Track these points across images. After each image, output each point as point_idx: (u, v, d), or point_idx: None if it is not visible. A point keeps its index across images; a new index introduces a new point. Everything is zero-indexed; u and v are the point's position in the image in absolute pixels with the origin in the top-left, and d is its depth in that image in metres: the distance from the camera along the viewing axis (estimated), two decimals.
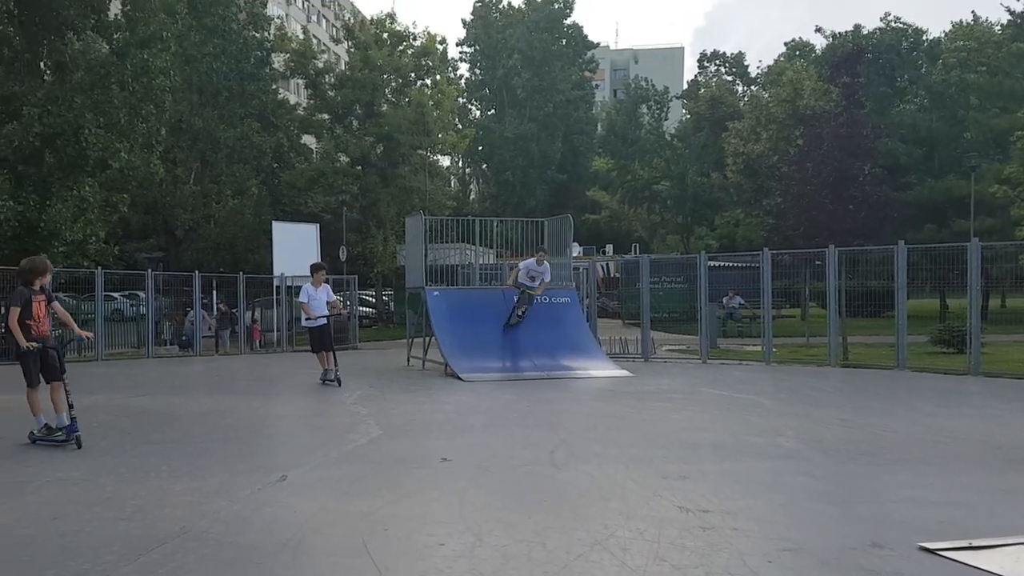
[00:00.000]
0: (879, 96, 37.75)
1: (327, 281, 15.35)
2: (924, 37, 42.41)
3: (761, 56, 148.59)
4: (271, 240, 26.52)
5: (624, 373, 15.56)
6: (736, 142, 36.91)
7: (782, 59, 49.21)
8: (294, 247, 25.33)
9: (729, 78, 53.06)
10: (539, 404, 11.57)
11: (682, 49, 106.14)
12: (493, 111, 62.71)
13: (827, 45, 42.56)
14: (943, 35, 39.83)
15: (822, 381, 14.95)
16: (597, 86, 76.26)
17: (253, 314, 25.99)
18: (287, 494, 6.19)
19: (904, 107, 39.12)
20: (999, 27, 36.72)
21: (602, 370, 15.74)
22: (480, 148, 59.59)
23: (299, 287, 25.83)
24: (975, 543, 4.64)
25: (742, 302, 26.03)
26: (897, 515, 5.58)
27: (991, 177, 28.27)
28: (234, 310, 24.56)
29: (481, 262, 20.96)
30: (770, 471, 7.04)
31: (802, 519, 5.54)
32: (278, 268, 24.85)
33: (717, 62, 52.76)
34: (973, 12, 41.00)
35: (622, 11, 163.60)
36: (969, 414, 10.85)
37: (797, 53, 48.59)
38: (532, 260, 16.02)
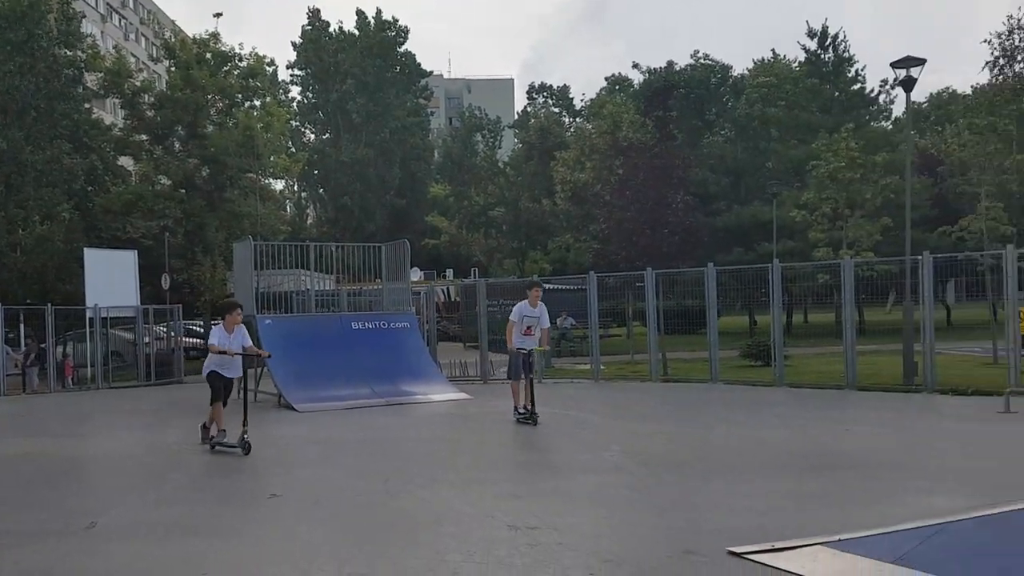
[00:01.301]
0: (690, 129, 40.44)
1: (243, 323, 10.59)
2: (730, 73, 45.89)
3: (584, 89, 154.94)
4: (83, 268, 24.73)
5: (463, 396, 15.71)
6: (563, 171, 38.35)
7: (603, 92, 51.68)
8: (110, 276, 23.72)
9: (556, 110, 55.11)
10: (377, 432, 11.48)
11: (512, 80, 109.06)
12: (328, 135, 61.73)
13: (643, 80, 45.15)
14: (747, 71, 43.28)
15: (645, 396, 15.75)
16: (432, 113, 76.83)
17: (64, 349, 24.09)
18: (98, 541, 5.82)
19: (713, 139, 42.13)
20: (796, 64, 40.36)
21: (442, 394, 15.81)
22: (316, 172, 58.42)
23: (116, 318, 24.38)
24: (778, 545, 5.04)
25: (574, 323, 26.99)
26: (710, 522, 5.99)
27: (791, 203, 30.91)
28: (42, 345, 22.67)
29: (318, 288, 20.52)
30: (596, 486, 7.37)
31: (623, 531, 5.84)
32: (91, 299, 23.18)
33: (544, 94, 54.67)
34: (773, 50, 44.81)
35: (454, 41, 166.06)
36: (775, 424, 11.78)
37: (617, 87, 51.22)
38: (523, 303, 11.88)
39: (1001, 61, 27.44)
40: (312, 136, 63.47)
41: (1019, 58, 27.13)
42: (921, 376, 14.77)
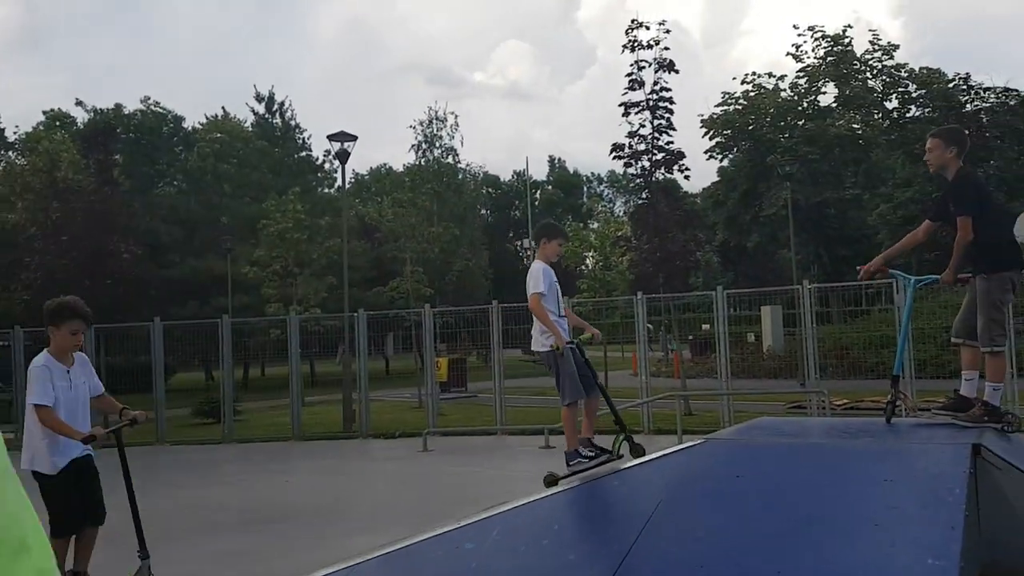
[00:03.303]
0: (140, 176, 38.41)
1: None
2: (183, 124, 44.93)
3: (19, 121, 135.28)
4: None
5: None
6: None
7: (41, 127, 46.10)
8: None
9: None
10: None
11: None
12: None
13: (88, 119, 41.59)
14: (199, 125, 42.84)
15: None
16: None
17: None
18: None
19: (165, 189, 40.62)
20: (249, 125, 41.27)
21: None
22: None
23: None
24: None
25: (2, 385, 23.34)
26: None
27: (244, 259, 31.23)
28: None
29: None
30: None
31: None
32: None
33: None
34: (224, 108, 45.12)
35: None
36: (217, 482, 11.66)
37: (57, 123, 46.14)
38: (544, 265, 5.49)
39: (424, 146, 31.94)
40: None
41: (436, 144, 31.89)
42: (358, 423, 16.11)
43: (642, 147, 18.08)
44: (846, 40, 30.49)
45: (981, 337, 4.79)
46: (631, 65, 18.06)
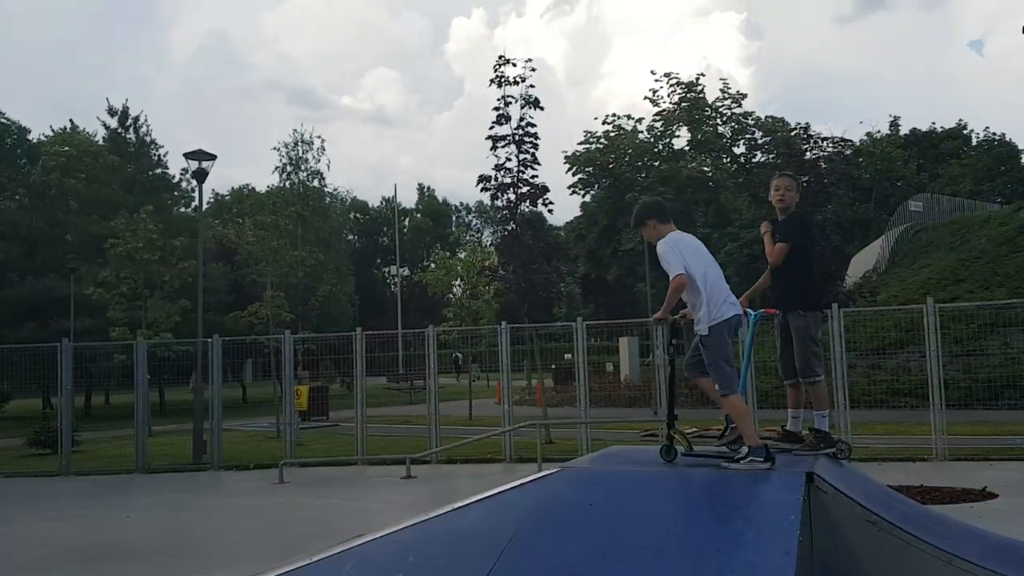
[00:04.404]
0: None
1: None
2: (27, 136, 42.00)
3: None
4: None
5: None
6: None
7: None
8: None
9: None
10: None
11: None
12: None
13: None
14: (45, 137, 40.14)
15: None
16: None
17: None
18: None
19: (5, 203, 37.80)
20: (100, 139, 39.00)
21: None
22: None
23: None
24: None
25: None
26: None
27: (90, 280, 29.37)
28: None
29: None
30: None
31: None
32: None
33: None
34: (71, 120, 42.44)
35: None
36: (54, 517, 10.86)
37: None
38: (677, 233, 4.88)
39: (288, 168, 31.26)
40: None
41: (302, 167, 31.30)
42: (209, 454, 15.40)
43: (508, 180, 18.41)
44: (699, 87, 32.21)
45: (803, 369, 5.18)
46: (498, 100, 18.41)
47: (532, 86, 18.43)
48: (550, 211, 19.38)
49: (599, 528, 3.97)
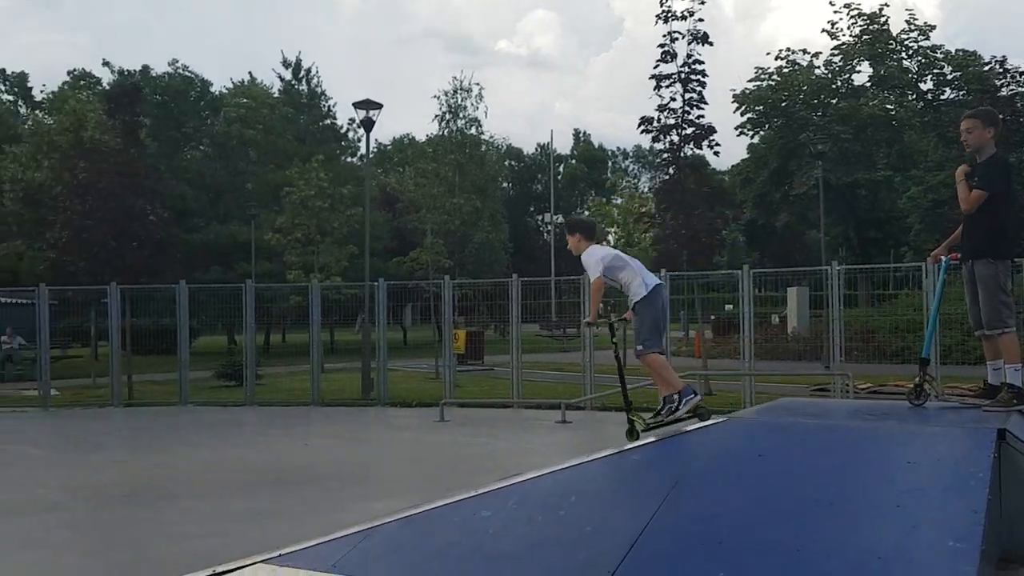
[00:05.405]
0: (168, 139, 38.54)
1: None
2: (210, 88, 44.93)
3: (44, 80, 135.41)
4: None
5: None
6: (15, 167, 33.31)
7: (66, 87, 46.38)
8: None
9: (10, 98, 47.81)
10: None
11: None
12: None
13: (114, 80, 41.66)
14: (226, 90, 42.79)
15: (102, 423, 14.48)
16: None
17: None
18: None
19: (191, 153, 40.74)
20: (275, 91, 41.19)
21: None
22: None
23: None
24: (219, 569, 4.98)
25: (22, 342, 23.82)
26: (155, 554, 5.73)
27: (268, 225, 31.36)
28: None
29: None
30: (26, 528, 6.51)
31: None
32: None
33: None
34: (250, 73, 44.91)
35: None
36: (239, 443, 11.80)
37: (82, 83, 46.37)
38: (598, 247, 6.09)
39: (448, 116, 31.77)
40: None
41: (460, 115, 31.72)
42: (376, 391, 16.21)
43: (671, 121, 17.83)
44: (882, 19, 29.85)
45: (990, 321, 4.81)
46: (664, 36, 17.76)
47: (701, 20, 17.71)
48: (716, 154, 18.55)
49: (769, 479, 3.82)
